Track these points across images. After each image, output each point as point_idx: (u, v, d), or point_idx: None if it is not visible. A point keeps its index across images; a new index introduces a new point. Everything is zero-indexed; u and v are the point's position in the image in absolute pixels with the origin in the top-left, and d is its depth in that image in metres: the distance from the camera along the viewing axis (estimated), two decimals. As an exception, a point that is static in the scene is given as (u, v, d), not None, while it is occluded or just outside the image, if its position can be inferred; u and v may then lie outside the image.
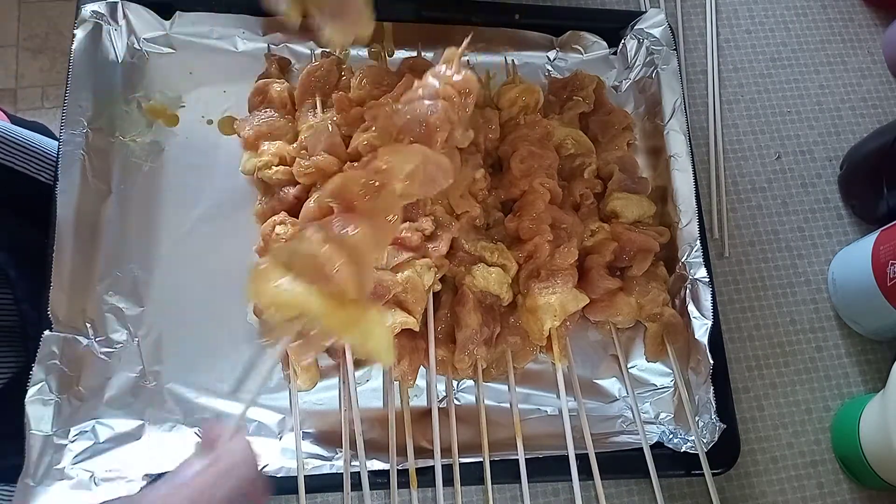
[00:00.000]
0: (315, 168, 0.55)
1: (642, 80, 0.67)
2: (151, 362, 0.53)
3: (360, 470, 0.49)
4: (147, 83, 0.61)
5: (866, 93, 0.73)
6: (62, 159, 0.54)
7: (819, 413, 0.61)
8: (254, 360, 0.55)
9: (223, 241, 0.58)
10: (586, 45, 0.69)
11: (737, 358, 0.61)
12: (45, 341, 0.50)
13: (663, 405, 0.57)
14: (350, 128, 0.58)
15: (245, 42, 0.64)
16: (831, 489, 0.58)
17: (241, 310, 0.56)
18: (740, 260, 0.65)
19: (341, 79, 0.62)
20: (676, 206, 0.60)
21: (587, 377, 0.58)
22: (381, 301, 0.52)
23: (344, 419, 0.52)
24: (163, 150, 0.60)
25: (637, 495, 0.56)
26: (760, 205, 0.67)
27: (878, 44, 0.75)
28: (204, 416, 0.52)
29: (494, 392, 0.56)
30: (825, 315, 0.64)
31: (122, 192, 0.58)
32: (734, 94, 0.71)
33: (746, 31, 0.74)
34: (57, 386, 0.50)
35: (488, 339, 0.55)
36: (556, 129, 0.62)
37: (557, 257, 0.57)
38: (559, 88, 0.66)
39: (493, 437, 0.53)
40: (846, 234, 0.67)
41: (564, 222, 0.59)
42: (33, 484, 0.47)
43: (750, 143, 0.70)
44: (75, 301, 0.53)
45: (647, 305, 0.58)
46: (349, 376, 0.51)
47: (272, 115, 0.60)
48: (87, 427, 0.50)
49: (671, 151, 0.62)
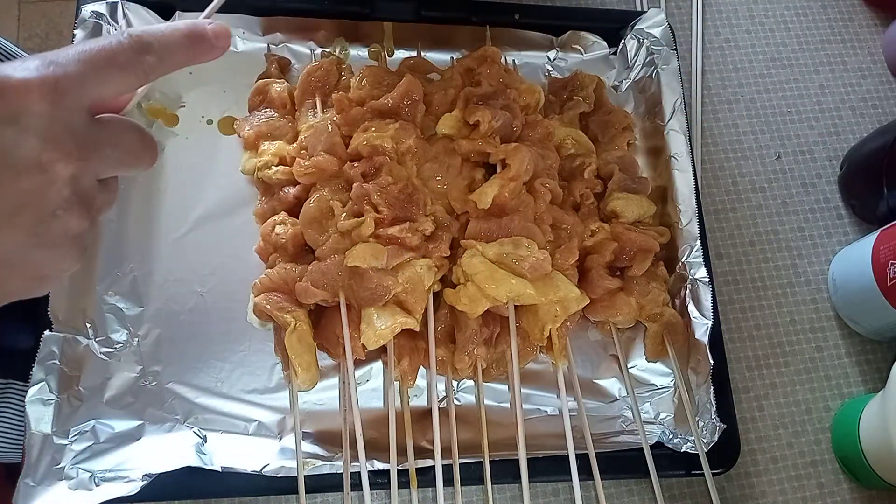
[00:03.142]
0: (315, 168, 0.55)
1: (642, 80, 0.67)
2: (151, 362, 0.53)
3: (360, 470, 0.49)
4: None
5: (866, 93, 0.73)
6: (62, 159, 0.54)
7: (819, 413, 0.61)
8: (253, 360, 0.55)
9: (223, 241, 0.58)
10: (586, 45, 0.69)
11: (737, 358, 0.61)
12: (45, 341, 0.50)
13: (663, 405, 0.57)
14: (350, 128, 0.58)
15: (245, 42, 0.64)
16: (831, 489, 0.58)
17: (240, 310, 0.56)
18: (740, 260, 0.65)
19: (341, 79, 0.62)
20: (676, 206, 0.60)
21: (587, 377, 0.58)
22: (381, 301, 0.52)
23: (344, 419, 0.52)
24: (163, 150, 0.60)
25: (637, 495, 0.56)
26: (760, 205, 0.67)
27: (878, 44, 0.75)
28: (204, 416, 0.52)
29: (494, 392, 0.56)
30: (825, 315, 0.64)
31: (121, 192, 0.57)
32: (734, 94, 0.71)
33: (746, 31, 0.74)
34: (57, 386, 0.50)
35: (488, 339, 0.55)
36: (557, 129, 0.63)
37: (557, 257, 0.57)
38: (559, 88, 0.66)
39: (493, 437, 0.53)
40: (846, 234, 0.67)
41: (564, 222, 0.59)
42: (33, 484, 0.47)
43: (750, 143, 0.70)
44: (75, 301, 0.53)
45: (647, 305, 0.58)
46: (349, 376, 0.51)
47: (272, 115, 0.60)
48: (87, 427, 0.50)
49: (671, 151, 0.62)
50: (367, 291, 0.52)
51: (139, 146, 0.36)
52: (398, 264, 0.53)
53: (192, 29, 0.36)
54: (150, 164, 0.37)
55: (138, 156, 0.37)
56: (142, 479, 0.48)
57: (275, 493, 0.51)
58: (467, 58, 0.64)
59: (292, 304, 0.53)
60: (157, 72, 0.35)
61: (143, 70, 0.34)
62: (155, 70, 0.35)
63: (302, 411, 0.53)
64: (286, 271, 0.54)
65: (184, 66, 0.36)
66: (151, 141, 0.37)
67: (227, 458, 0.50)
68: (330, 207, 0.55)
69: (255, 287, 0.54)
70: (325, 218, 0.55)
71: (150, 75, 0.35)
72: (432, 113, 0.61)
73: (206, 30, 0.36)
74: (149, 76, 0.35)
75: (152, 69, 0.34)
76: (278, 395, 0.54)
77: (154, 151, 0.38)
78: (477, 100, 0.60)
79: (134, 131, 0.36)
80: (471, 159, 0.60)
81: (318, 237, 0.54)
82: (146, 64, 0.34)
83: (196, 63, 0.37)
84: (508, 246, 0.54)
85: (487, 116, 0.58)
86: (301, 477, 0.49)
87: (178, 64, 0.36)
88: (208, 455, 0.50)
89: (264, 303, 0.52)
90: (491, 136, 0.58)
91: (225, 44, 0.37)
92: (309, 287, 0.52)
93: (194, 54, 0.36)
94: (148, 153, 0.37)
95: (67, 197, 0.33)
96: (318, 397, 0.54)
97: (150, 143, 0.37)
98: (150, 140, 0.37)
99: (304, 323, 0.53)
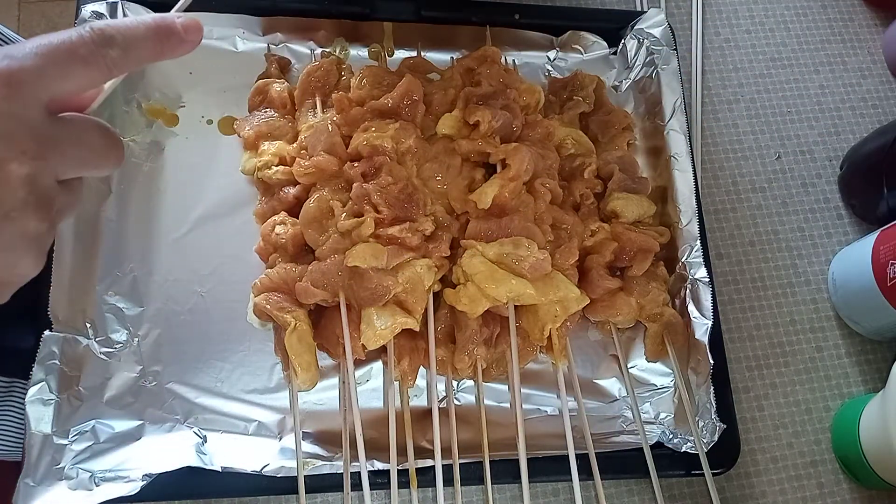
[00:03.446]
0: (315, 168, 0.55)
1: (642, 80, 0.67)
2: (151, 362, 0.53)
3: (360, 470, 0.49)
4: (147, 83, 0.61)
5: (866, 93, 0.73)
6: (62, 159, 0.54)
7: (819, 413, 0.61)
8: (253, 360, 0.55)
9: (223, 241, 0.58)
10: (586, 45, 0.69)
11: (737, 358, 0.61)
12: (45, 341, 0.50)
13: (663, 405, 0.57)
14: (350, 128, 0.58)
15: (245, 42, 0.64)
16: (831, 489, 0.58)
17: (240, 310, 0.56)
18: (740, 260, 0.65)
19: (341, 79, 0.62)
20: (676, 206, 0.60)
21: (587, 377, 0.58)
22: (381, 301, 0.52)
23: (344, 419, 0.52)
24: (163, 150, 0.60)
25: (637, 495, 0.56)
26: (760, 205, 0.67)
27: (878, 44, 0.75)
28: (204, 416, 0.52)
29: (494, 392, 0.56)
30: (825, 315, 0.64)
31: (121, 192, 0.58)
32: (734, 94, 0.71)
33: (746, 31, 0.74)
34: (57, 386, 0.50)
35: (488, 339, 0.55)
36: (557, 129, 0.63)
37: (557, 257, 0.57)
38: (559, 88, 0.66)
39: (493, 437, 0.53)
40: (846, 234, 0.67)
41: (564, 222, 0.59)
42: (33, 484, 0.47)
43: (750, 143, 0.70)
44: (75, 301, 0.53)
45: (647, 305, 0.58)
46: (349, 376, 0.51)
47: (272, 115, 0.60)
48: (87, 427, 0.50)
49: (671, 151, 0.62)
50: (367, 291, 0.52)
51: (103, 145, 0.34)
52: (398, 264, 0.53)
53: (159, 22, 0.34)
54: (115, 164, 0.35)
55: (102, 155, 0.34)
56: (142, 479, 0.48)
57: (275, 493, 0.51)
58: (467, 58, 0.64)
59: (292, 304, 0.53)
60: (120, 66, 0.33)
61: (105, 64, 0.32)
62: (119, 65, 0.33)
63: (302, 411, 0.53)
64: (286, 271, 0.54)
65: (151, 61, 0.34)
66: (117, 140, 0.35)
67: (227, 458, 0.50)
68: (330, 207, 0.55)
69: (255, 287, 0.54)
70: (325, 218, 0.55)
71: (113, 70, 0.33)
72: (432, 113, 0.61)
73: (174, 23, 0.34)
74: (112, 71, 0.33)
75: (115, 64, 0.33)
76: (278, 395, 0.54)
77: (120, 151, 0.35)
78: (477, 100, 0.60)
79: (97, 129, 0.34)
80: (471, 159, 0.60)
81: (318, 237, 0.54)
82: (109, 58, 0.32)
83: (166, 58, 0.35)
84: (508, 246, 0.54)
85: (487, 116, 0.58)
86: (301, 477, 0.49)
87: (145, 59, 0.34)
88: (208, 455, 0.50)
89: (264, 303, 0.52)
90: (491, 136, 0.58)
91: (196, 37, 0.35)
92: (309, 287, 0.52)
93: (162, 49, 0.34)
94: (113, 152, 0.35)
95: (23, 198, 0.31)
96: (318, 397, 0.54)
97: (116, 141, 0.35)
98: (116, 139, 0.35)
99: (304, 323, 0.53)
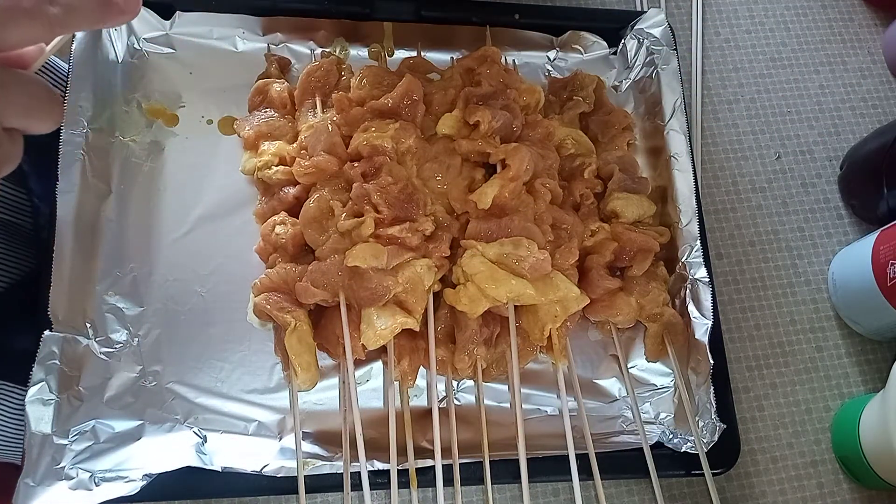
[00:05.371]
0: (315, 168, 0.55)
1: (642, 80, 0.67)
2: (151, 362, 0.53)
3: (360, 470, 0.49)
4: (147, 83, 0.61)
5: (866, 93, 0.73)
6: (62, 159, 0.54)
7: (819, 413, 0.61)
8: (253, 360, 0.55)
9: (223, 241, 0.58)
10: (586, 45, 0.69)
11: (737, 358, 0.61)
12: (45, 341, 0.50)
13: (663, 405, 0.57)
14: (350, 128, 0.58)
15: (245, 42, 0.64)
16: (831, 489, 0.58)
17: (240, 310, 0.56)
18: (740, 260, 0.65)
19: (341, 79, 0.62)
20: (676, 206, 0.60)
21: (587, 377, 0.58)
22: (381, 301, 0.52)
23: (344, 419, 0.52)
24: (163, 150, 0.60)
25: (637, 495, 0.56)
26: (760, 205, 0.67)
27: (878, 44, 0.75)
28: (204, 416, 0.53)
29: (494, 392, 0.56)
30: (825, 315, 0.64)
31: (121, 192, 0.58)
32: (734, 94, 0.71)
33: (746, 31, 0.74)
34: (57, 386, 0.50)
35: (488, 339, 0.55)
36: (557, 129, 0.63)
37: (557, 257, 0.57)
38: (559, 88, 0.66)
39: (493, 437, 0.53)
40: (846, 234, 0.67)
41: (564, 222, 0.59)
42: (33, 484, 0.47)
43: (750, 143, 0.70)
44: (75, 301, 0.53)
45: (647, 305, 0.58)
46: (349, 376, 0.51)
47: (272, 115, 0.60)
48: (87, 427, 0.50)
49: (671, 151, 0.62)
50: (367, 291, 0.52)
51: (48, 98, 0.36)
52: (398, 264, 0.53)
53: None
54: (57, 120, 0.36)
55: (46, 109, 0.36)
56: (142, 479, 0.48)
57: (275, 493, 0.51)
58: (467, 58, 0.64)
59: (292, 304, 0.53)
60: (61, 25, 0.34)
61: (48, 20, 0.33)
62: (60, 23, 0.34)
63: (302, 411, 0.53)
64: (286, 271, 0.54)
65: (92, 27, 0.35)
66: (59, 97, 0.37)
67: (227, 458, 0.50)
68: (330, 207, 0.55)
69: (255, 287, 0.54)
70: (325, 218, 0.55)
71: (55, 27, 0.34)
72: (432, 113, 0.61)
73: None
74: (54, 28, 0.34)
75: (57, 22, 0.34)
76: (278, 395, 0.54)
77: (61, 108, 0.36)
78: (477, 100, 0.60)
79: (41, 83, 0.35)
80: (471, 159, 0.60)
81: (318, 237, 0.54)
82: (51, 14, 0.33)
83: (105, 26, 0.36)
84: (508, 246, 0.54)
85: (487, 116, 0.58)
86: (301, 477, 0.49)
87: (85, 23, 0.35)
88: (208, 455, 0.50)
89: (264, 303, 0.52)
90: (491, 136, 0.58)
91: (135, 8, 0.36)
92: (309, 287, 0.52)
93: (102, 15, 0.35)
94: (57, 108, 0.36)
95: None
96: (318, 397, 0.54)
97: (58, 98, 0.37)
98: (58, 96, 0.37)
99: (304, 323, 0.53)
